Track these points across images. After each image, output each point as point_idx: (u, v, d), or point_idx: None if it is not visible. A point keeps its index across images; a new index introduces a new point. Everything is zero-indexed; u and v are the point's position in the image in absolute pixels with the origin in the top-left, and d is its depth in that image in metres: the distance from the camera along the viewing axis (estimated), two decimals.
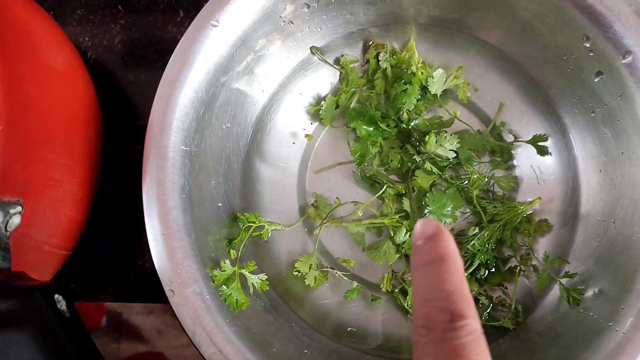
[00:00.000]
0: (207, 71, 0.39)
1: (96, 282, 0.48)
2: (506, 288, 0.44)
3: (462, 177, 0.44)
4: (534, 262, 0.44)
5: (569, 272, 0.42)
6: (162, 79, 0.38)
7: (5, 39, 0.35)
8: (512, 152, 0.46)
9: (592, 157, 0.43)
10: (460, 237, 0.44)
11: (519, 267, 0.44)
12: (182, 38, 0.38)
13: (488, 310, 0.44)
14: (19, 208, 0.33)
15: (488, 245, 0.43)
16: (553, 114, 0.45)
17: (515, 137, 0.45)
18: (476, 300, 0.43)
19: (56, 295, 0.31)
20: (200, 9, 0.47)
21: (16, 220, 0.33)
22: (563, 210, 0.45)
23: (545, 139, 0.45)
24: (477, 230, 0.43)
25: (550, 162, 0.45)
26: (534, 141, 0.45)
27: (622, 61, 0.38)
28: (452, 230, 0.45)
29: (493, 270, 0.44)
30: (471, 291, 0.41)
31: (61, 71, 0.39)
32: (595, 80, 0.41)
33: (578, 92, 0.42)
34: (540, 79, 0.45)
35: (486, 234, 0.42)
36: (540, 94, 0.45)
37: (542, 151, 0.45)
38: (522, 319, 0.43)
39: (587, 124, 0.43)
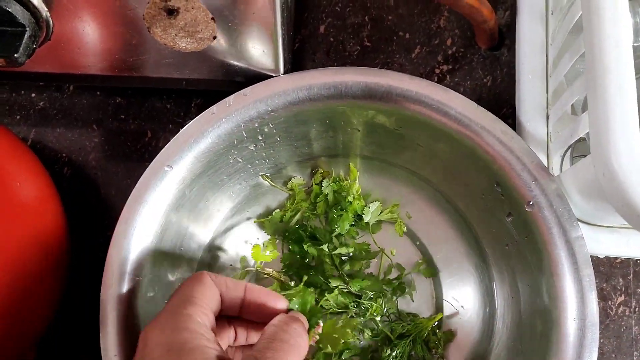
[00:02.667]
0: (161, 209, 0.44)
1: None
2: None
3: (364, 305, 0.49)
4: None
5: None
6: (120, 215, 0.43)
7: None
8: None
9: (506, 284, 0.48)
10: (375, 353, 0.49)
11: None
12: (140, 180, 0.43)
13: None
14: None
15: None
16: (476, 241, 0.50)
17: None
18: None
19: None
20: (165, 131, 0.54)
21: None
22: (482, 328, 0.50)
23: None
24: (389, 351, 0.47)
25: (469, 289, 0.50)
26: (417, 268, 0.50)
27: (527, 208, 0.43)
28: (369, 348, 0.49)
29: None
30: None
31: (33, 205, 0.44)
32: (508, 219, 0.46)
33: (494, 226, 0.48)
34: (464, 210, 0.50)
35: (398, 352, 0.47)
36: (465, 223, 0.51)
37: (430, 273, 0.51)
38: None
39: (502, 254, 0.48)
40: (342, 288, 0.48)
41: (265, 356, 0.33)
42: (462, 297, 0.50)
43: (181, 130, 0.44)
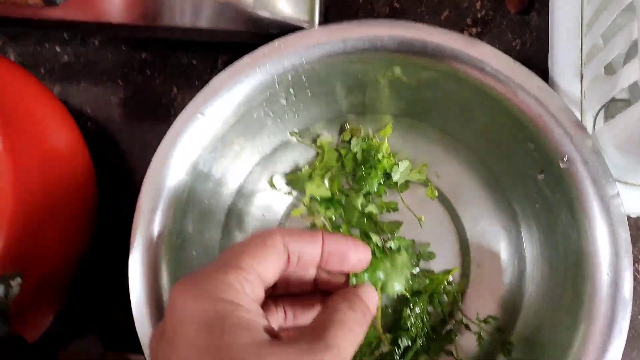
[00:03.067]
0: (192, 158, 0.44)
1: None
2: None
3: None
4: (466, 322, 0.49)
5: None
6: (150, 164, 0.43)
7: (15, 125, 0.40)
8: None
9: (536, 243, 0.48)
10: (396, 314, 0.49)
11: (452, 329, 0.49)
12: (171, 126, 0.43)
13: None
14: (19, 279, 0.38)
15: (424, 318, 0.47)
16: (505, 200, 0.50)
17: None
18: None
19: None
20: (191, 87, 0.53)
21: (16, 290, 0.37)
22: (510, 287, 0.50)
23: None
24: (408, 310, 0.47)
25: (501, 246, 0.50)
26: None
27: (561, 165, 0.43)
28: (385, 308, 0.49)
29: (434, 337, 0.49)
30: None
31: (63, 152, 0.44)
32: (540, 176, 0.45)
33: (526, 185, 0.47)
34: (494, 169, 0.50)
35: (418, 309, 0.47)
36: (496, 183, 0.50)
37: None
38: None
39: (533, 213, 0.48)
40: (380, 245, 0.48)
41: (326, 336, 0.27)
42: (490, 257, 0.50)
43: (214, 77, 0.43)
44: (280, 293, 0.34)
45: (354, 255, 0.33)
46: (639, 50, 0.32)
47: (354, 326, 0.29)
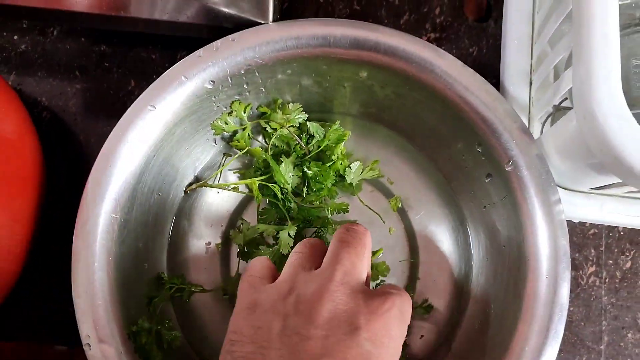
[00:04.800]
0: (142, 149, 0.44)
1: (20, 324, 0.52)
2: None
3: None
4: None
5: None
6: (100, 152, 0.42)
7: None
8: None
9: (482, 244, 0.49)
10: None
11: None
12: (122, 117, 0.43)
13: None
14: None
15: None
16: (454, 203, 0.51)
17: None
18: None
19: None
20: (149, 81, 0.53)
21: None
22: (454, 290, 0.50)
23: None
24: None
25: (447, 247, 0.51)
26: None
27: (506, 168, 0.44)
28: None
29: None
30: None
31: (10, 139, 0.43)
32: (487, 180, 0.46)
33: (474, 187, 0.48)
34: (444, 172, 0.51)
35: None
36: (445, 185, 0.51)
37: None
38: None
39: (480, 215, 0.49)
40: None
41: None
42: (438, 259, 0.51)
43: (167, 70, 0.44)
44: None
45: None
46: (576, 55, 0.33)
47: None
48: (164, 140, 0.45)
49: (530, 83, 0.48)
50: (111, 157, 0.43)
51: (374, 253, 0.50)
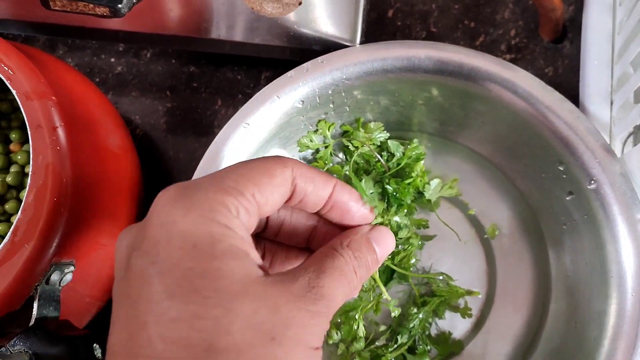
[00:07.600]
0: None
1: None
2: None
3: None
4: None
5: None
6: (199, 165, 0.45)
7: (77, 127, 0.43)
8: None
9: (562, 262, 0.49)
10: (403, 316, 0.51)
11: None
12: (218, 135, 0.46)
13: None
14: (72, 268, 0.40)
15: (429, 320, 0.50)
16: (533, 221, 0.52)
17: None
18: None
19: (95, 345, 0.38)
20: (234, 101, 0.56)
21: (68, 277, 0.40)
22: (531, 310, 0.51)
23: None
24: (415, 309, 0.49)
25: (525, 265, 0.51)
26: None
27: (589, 186, 0.44)
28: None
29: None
30: None
31: (115, 153, 0.47)
32: (567, 198, 0.47)
33: (554, 205, 0.49)
34: (523, 189, 0.52)
35: (425, 309, 0.49)
36: (524, 203, 0.52)
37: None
38: None
39: (560, 233, 0.49)
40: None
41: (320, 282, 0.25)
42: (516, 276, 0.52)
43: (260, 90, 0.46)
44: (268, 237, 0.32)
45: (358, 210, 0.31)
46: None
47: (352, 279, 0.27)
48: (257, 155, 0.47)
49: (612, 103, 0.49)
50: (209, 171, 0.45)
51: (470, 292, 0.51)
